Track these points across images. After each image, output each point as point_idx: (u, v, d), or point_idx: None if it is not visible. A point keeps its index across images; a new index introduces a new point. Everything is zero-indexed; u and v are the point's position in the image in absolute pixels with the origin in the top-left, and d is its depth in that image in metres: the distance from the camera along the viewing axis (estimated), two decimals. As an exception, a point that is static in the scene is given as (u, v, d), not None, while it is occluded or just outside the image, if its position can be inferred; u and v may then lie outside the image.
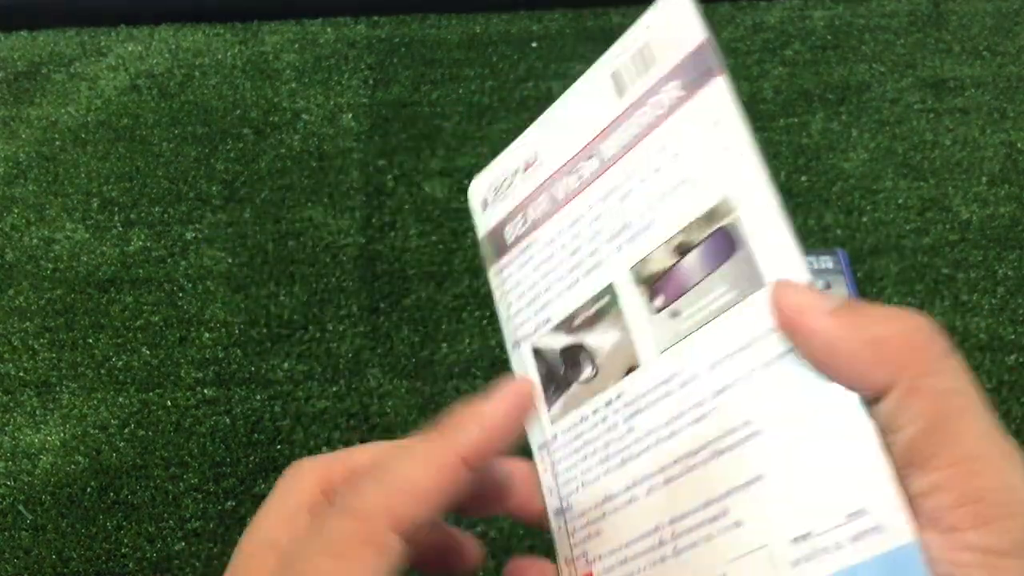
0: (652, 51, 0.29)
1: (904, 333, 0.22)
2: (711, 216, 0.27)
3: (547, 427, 0.30)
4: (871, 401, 0.22)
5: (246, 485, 0.46)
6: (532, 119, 0.62)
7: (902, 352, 0.21)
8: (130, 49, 0.67)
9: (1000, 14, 0.67)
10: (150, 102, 0.63)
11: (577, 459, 0.29)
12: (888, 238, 0.55)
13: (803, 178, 0.58)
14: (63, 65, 0.66)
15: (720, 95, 0.28)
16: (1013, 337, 0.51)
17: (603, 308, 0.29)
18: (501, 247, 0.32)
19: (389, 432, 0.48)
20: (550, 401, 0.30)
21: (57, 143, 0.61)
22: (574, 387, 0.29)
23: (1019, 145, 0.59)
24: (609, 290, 0.29)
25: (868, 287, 0.53)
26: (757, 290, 0.26)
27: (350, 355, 0.51)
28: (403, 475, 0.23)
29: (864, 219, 0.56)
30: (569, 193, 0.30)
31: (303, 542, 0.23)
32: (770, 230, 0.26)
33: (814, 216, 0.56)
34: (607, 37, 0.69)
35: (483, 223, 0.32)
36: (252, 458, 0.47)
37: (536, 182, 0.31)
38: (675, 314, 0.27)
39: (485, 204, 0.32)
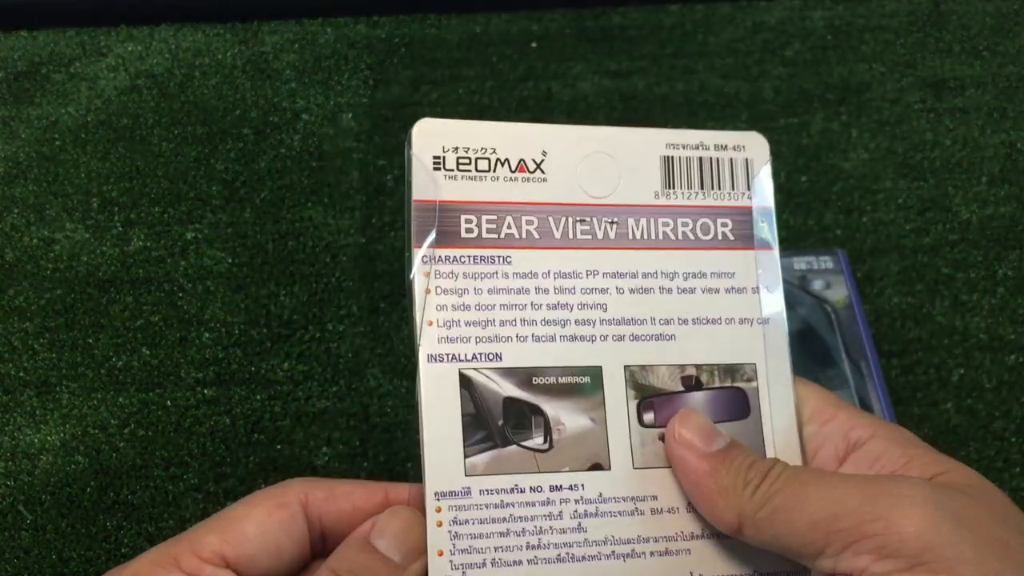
0: (718, 174, 0.28)
1: (746, 484, 0.24)
2: (733, 371, 0.27)
3: (457, 475, 0.25)
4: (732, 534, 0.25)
5: (246, 485, 0.46)
6: (532, 120, 0.63)
7: (743, 502, 0.24)
8: (130, 49, 0.67)
9: (1000, 14, 0.67)
10: (150, 102, 0.63)
11: (494, 530, 0.25)
12: (888, 238, 0.55)
13: (803, 178, 0.58)
14: (63, 65, 0.66)
15: (772, 266, 0.28)
16: (1013, 337, 0.51)
17: (580, 386, 0.26)
18: (449, 234, 0.26)
19: (389, 432, 0.48)
20: (471, 447, 0.26)
21: (57, 143, 0.61)
22: (513, 449, 0.26)
23: (1019, 145, 0.59)
24: (594, 373, 0.26)
25: (868, 287, 0.53)
26: None
27: (350, 355, 0.51)
28: (330, 482, 0.27)
29: (864, 219, 0.56)
30: (573, 240, 0.27)
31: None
32: (784, 415, 0.27)
33: (814, 216, 0.56)
34: (607, 37, 0.70)
35: (427, 185, 0.27)
36: (252, 458, 0.47)
37: (530, 196, 0.27)
38: (665, 439, 0.26)
39: (440, 164, 0.27)
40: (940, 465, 0.25)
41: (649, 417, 0.27)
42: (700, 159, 0.28)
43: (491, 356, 0.26)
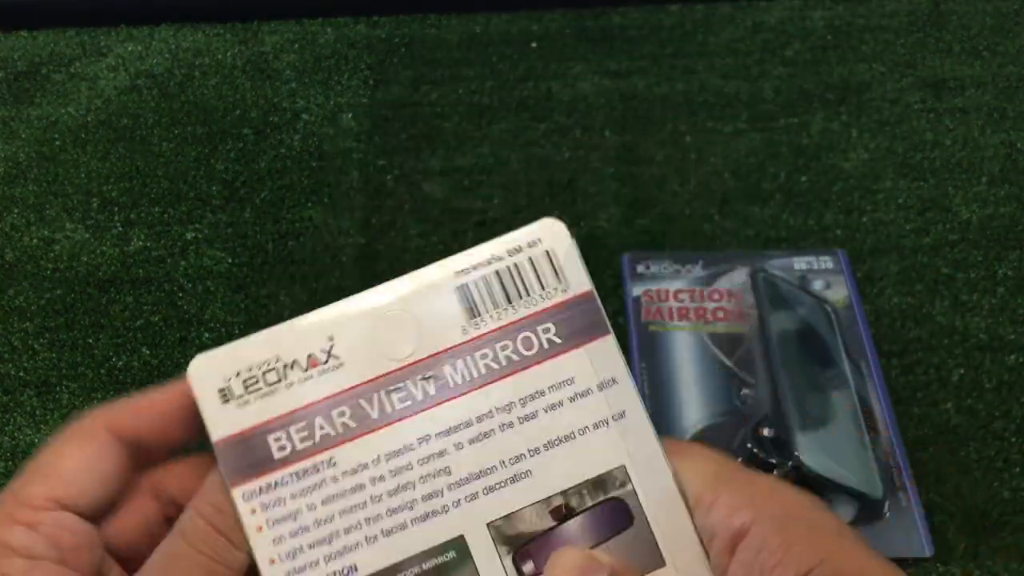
0: (522, 280, 0.26)
1: None
2: (603, 483, 0.25)
3: None
4: None
5: (246, 485, 0.46)
6: (532, 119, 0.63)
7: None
8: (130, 49, 0.67)
9: (1000, 14, 0.67)
10: (150, 102, 0.63)
11: None
12: (888, 238, 0.55)
13: (803, 178, 0.58)
14: (63, 65, 0.66)
15: (611, 354, 0.25)
16: (1013, 337, 0.51)
17: (447, 564, 0.24)
18: (261, 462, 0.24)
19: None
20: None
21: (57, 143, 0.61)
22: None
23: (1019, 145, 0.59)
24: (458, 544, 0.24)
25: (868, 287, 0.53)
26: (658, 568, 0.24)
27: (350, 355, 0.51)
28: (127, 401, 0.27)
29: (864, 219, 0.56)
30: (392, 413, 0.25)
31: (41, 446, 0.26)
32: (670, 506, 0.25)
33: (814, 216, 0.56)
34: (607, 37, 0.70)
35: (223, 422, 0.25)
36: (252, 458, 0.47)
37: (332, 387, 0.25)
38: None
39: (227, 396, 0.25)
40: (819, 552, 0.23)
41: (528, 567, 0.24)
42: (497, 272, 0.25)
43: (346, 571, 0.24)
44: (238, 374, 0.25)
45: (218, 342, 0.51)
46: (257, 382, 0.25)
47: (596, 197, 0.57)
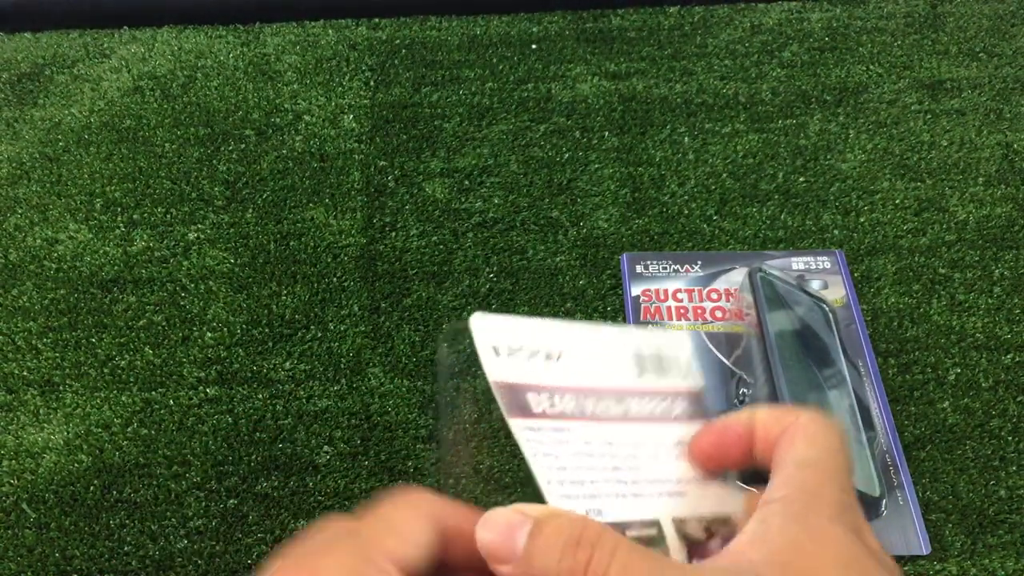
0: (666, 364, 0.33)
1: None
2: (723, 519, 0.30)
3: None
4: None
5: (248, 483, 0.47)
6: (531, 120, 0.63)
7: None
8: (133, 51, 0.67)
9: (996, 16, 0.68)
10: (153, 103, 0.64)
11: None
12: (885, 238, 0.55)
13: (801, 179, 0.58)
14: (66, 66, 0.66)
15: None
16: (1009, 336, 0.51)
17: (652, 539, 0.29)
18: (525, 409, 0.29)
19: (390, 431, 0.48)
20: None
21: (60, 144, 0.61)
22: None
23: (1015, 146, 0.60)
24: (657, 526, 0.29)
25: (865, 287, 0.53)
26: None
27: (351, 354, 0.51)
28: (445, 499, 0.28)
29: (861, 219, 0.56)
30: (599, 414, 0.30)
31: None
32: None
33: (812, 216, 0.56)
34: (606, 39, 0.70)
35: (496, 369, 0.30)
36: (254, 456, 0.48)
37: (564, 380, 0.30)
38: None
39: (497, 352, 0.30)
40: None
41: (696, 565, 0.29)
42: (658, 355, 0.32)
43: (596, 512, 0.28)
44: (505, 339, 0.30)
45: (220, 341, 0.52)
46: (514, 351, 0.30)
47: (596, 198, 0.58)
